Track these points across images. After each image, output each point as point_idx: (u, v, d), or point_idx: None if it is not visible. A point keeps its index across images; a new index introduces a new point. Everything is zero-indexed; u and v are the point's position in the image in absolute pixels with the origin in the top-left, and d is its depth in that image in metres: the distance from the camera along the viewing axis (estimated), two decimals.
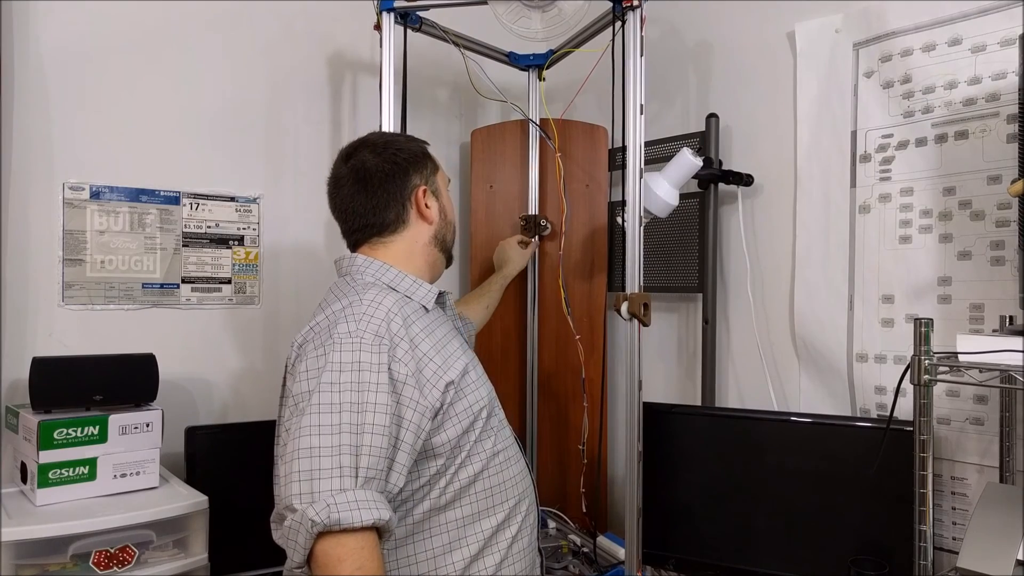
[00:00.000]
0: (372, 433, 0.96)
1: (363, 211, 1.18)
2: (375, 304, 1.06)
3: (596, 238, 1.90)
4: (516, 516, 1.16)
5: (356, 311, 1.05)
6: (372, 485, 0.95)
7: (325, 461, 0.93)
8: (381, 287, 1.12)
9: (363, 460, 0.95)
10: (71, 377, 1.39)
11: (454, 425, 1.07)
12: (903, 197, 1.44)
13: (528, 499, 1.21)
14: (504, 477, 1.15)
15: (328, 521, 0.89)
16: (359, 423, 0.96)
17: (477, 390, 1.13)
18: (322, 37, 1.90)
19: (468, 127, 2.10)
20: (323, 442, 0.94)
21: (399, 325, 1.05)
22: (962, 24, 1.35)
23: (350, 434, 0.95)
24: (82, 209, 1.57)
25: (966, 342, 1.03)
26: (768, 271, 1.68)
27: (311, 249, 1.88)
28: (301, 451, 0.94)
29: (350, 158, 1.20)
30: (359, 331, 1.02)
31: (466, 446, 1.09)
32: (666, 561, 1.56)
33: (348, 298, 1.08)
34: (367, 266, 1.16)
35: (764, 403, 1.64)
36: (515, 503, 1.16)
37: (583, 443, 1.79)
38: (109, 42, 1.60)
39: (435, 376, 1.06)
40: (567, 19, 1.56)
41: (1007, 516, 1.08)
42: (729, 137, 1.74)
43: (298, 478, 0.93)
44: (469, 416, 1.09)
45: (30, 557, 1.22)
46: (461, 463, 1.09)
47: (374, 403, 0.97)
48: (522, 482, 1.20)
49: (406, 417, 1.01)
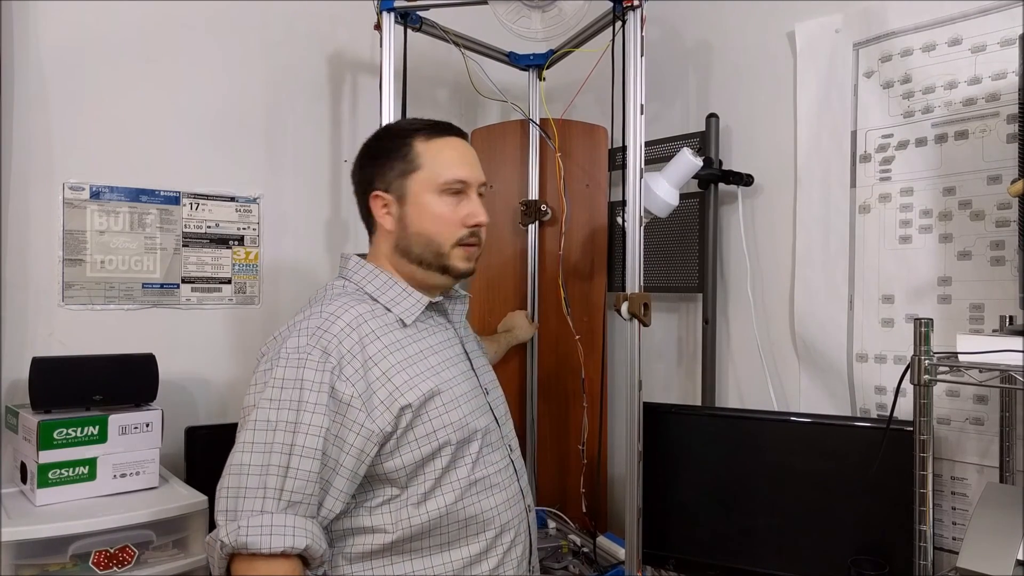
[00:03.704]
0: (302, 456, 0.93)
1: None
2: (333, 318, 1.01)
3: (596, 238, 1.90)
4: (496, 548, 1.08)
5: (311, 324, 1.01)
6: (298, 510, 0.92)
7: (252, 479, 0.91)
8: (359, 296, 1.08)
9: (288, 483, 0.92)
10: (71, 377, 1.39)
11: (412, 451, 1.01)
12: (903, 197, 1.44)
13: (514, 530, 1.11)
14: (483, 507, 1.07)
15: (235, 544, 0.88)
16: (291, 443, 0.93)
17: (446, 414, 1.04)
18: (322, 37, 1.90)
19: (468, 127, 2.10)
20: (253, 460, 0.92)
21: (353, 342, 1.00)
22: (962, 24, 1.35)
23: (280, 454, 0.92)
24: (82, 209, 1.57)
25: (966, 342, 1.02)
26: (768, 271, 1.68)
27: (311, 249, 1.88)
28: (232, 467, 0.93)
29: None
30: (308, 346, 0.98)
31: (431, 473, 1.02)
32: (666, 561, 1.56)
33: (311, 308, 1.05)
34: (358, 268, 1.12)
35: (764, 403, 1.64)
36: (496, 534, 1.08)
37: (583, 443, 1.79)
38: (109, 42, 1.60)
39: (389, 398, 1.00)
40: (567, 19, 1.56)
41: (1007, 516, 1.08)
42: (729, 137, 1.74)
43: (225, 494, 0.92)
44: (431, 442, 1.02)
45: (30, 557, 1.22)
46: (428, 491, 1.02)
47: (308, 424, 0.94)
48: (508, 511, 1.10)
49: (348, 440, 0.96)
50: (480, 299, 1.90)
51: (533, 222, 1.90)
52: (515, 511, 1.13)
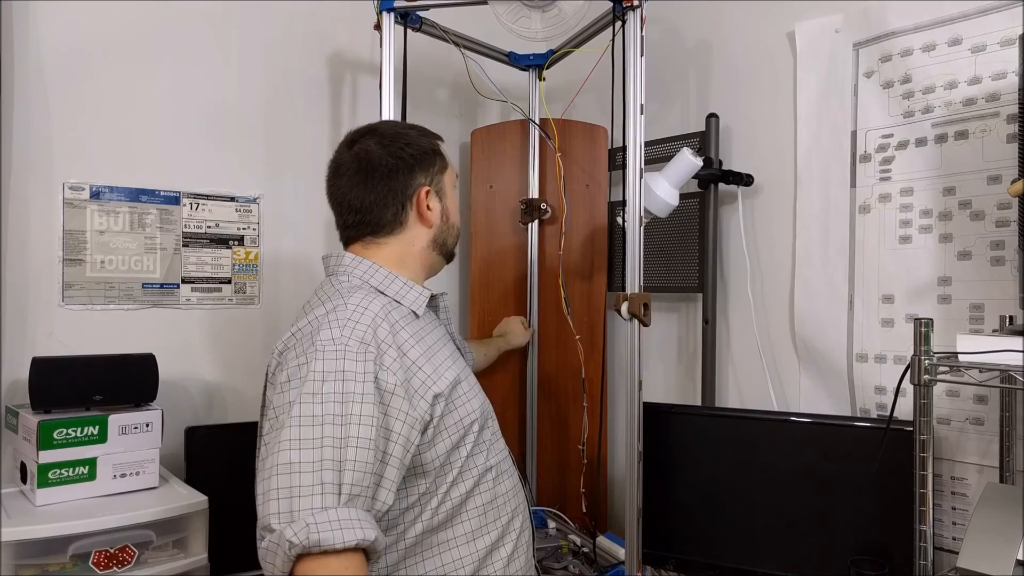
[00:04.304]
0: (357, 447, 0.90)
1: (359, 206, 1.11)
2: (361, 309, 1.00)
3: (596, 238, 1.90)
4: (510, 534, 1.10)
5: (340, 316, 0.98)
6: (357, 503, 0.89)
7: (306, 477, 0.87)
8: (368, 290, 1.06)
9: (347, 476, 0.88)
10: (71, 377, 1.39)
11: (444, 440, 1.01)
12: (903, 197, 1.44)
13: (521, 515, 1.14)
14: (496, 493, 1.09)
15: (307, 542, 0.82)
16: (343, 436, 0.90)
17: (468, 402, 1.07)
18: (322, 37, 1.90)
19: (468, 127, 2.10)
20: (303, 457, 0.88)
21: (386, 331, 0.99)
22: (962, 24, 1.35)
23: (332, 448, 0.89)
24: (82, 209, 1.57)
25: (966, 342, 1.02)
26: (768, 271, 1.68)
27: (311, 249, 1.88)
28: (280, 467, 0.88)
29: (354, 144, 1.13)
30: (343, 338, 0.95)
31: (456, 463, 1.03)
32: (666, 561, 1.56)
33: (332, 302, 1.02)
34: (355, 266, 1.10)
35: (764, 403, 1.64)
36: (508, 520, 1.10)
37: (583, 443, 1.79)
38: (109, 42, 1.60)
39: (423, 387, 0.99)
40: (567, 19, 1.56)
41: (1007, 516, 1.08)
42: (729, 137, 1.74)
43: (276, 496, 0.86)
44: (459, 430, 1.03)
45: (30, 557, 1.22)
46: (453, 481, 1.03)
47: (359, 415, 0.91)
48: (515, 498, 1.13)
49: (395, 430, 0.95)
50: (479, 298, 1.90)
51: (533, 220, 1.90)
52: (520, 497, 1.16)
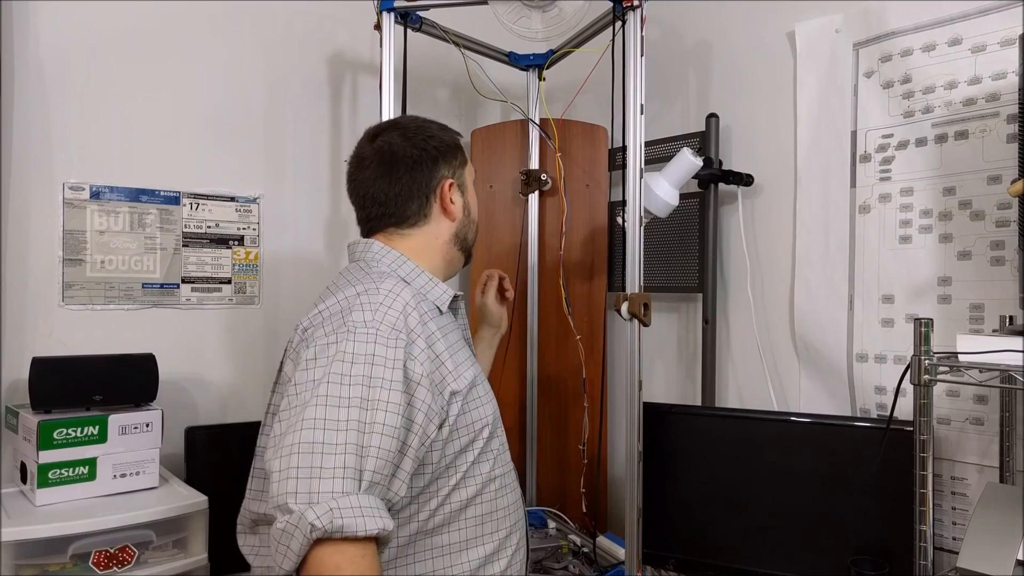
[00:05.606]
0: (381, 434, 0.87)
1: (383, 198, 1.10)
2: (393, 295, 0.98)
3: (596, 238, 1.90)
4: (506, 549, 1.08)
5: (373, 300, 0.96)
6: (375, 491, 0.87)
7: (328, 459, 0.84)
8: (397, 279, 1.04)
9: (369, 463, 0.86)
10: (71, 377, 1.39)
11: (453, 441, 0.99)
12: (903, 197, 1.44)
13: (519, 533, 1.12)
14: (497, 505, 1.06)
15: (331, 527, 0.80)
16: (369, 421, 0.87)
17: (482, 406, 1.05)
18: (322, 37, 1.90)
19: (468, 127, 2.10)
20: (327, 438, 0.85)
21: (416, 321, 0.97)
22: (962, 24, 1.35)
23: (357, 432, 0.86)
24: (82, 209, 1.57)
25: (966, 342, 1.02)
26: (768, 271, 1.68)
27: (311, 249, 1.88)
28: (302, 445, 0.84)
29: (377, 138, 1.12)
30: (375, 321, 0.93)
31: (461, 466, 1.01)
32: (666, 561, 1.56)
33: (364, 284, 1.00)
34: (383, 255, 1.08)
35: (764, 403, 1.64)
36: (505, 535, 1.08)
37: (583, 443, 1.79)
38: (109, 42, 1.60)
39: (443, 383, 0.98)
40: (567, 19, 1.56)
41: (1007, 516, 1.08)
42: (729, 137, 1.74)
43: (296, 475, 0.83)
44: (470, 433, 1.01)
45: (30, 557, 1.22)
46: (455, 485, 1.01)
47: (386, 401, 0.89)
48: (515, 514, 1.11)
49: (416, 421, 0.93)
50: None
51: (533, 192, 1.89)
52: (519, 514, 1.13)
